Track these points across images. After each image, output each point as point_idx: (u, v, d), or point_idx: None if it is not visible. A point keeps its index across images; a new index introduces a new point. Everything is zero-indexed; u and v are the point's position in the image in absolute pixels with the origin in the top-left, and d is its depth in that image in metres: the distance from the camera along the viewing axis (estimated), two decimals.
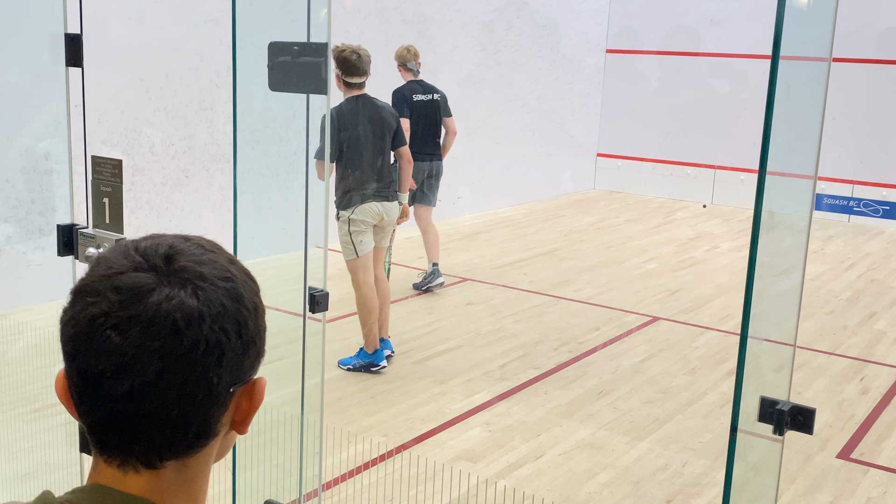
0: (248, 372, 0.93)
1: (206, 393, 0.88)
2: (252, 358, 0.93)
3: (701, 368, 5.30)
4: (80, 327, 0.87)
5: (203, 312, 0.87)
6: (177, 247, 0.91)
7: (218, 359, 0.87)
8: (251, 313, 0.92)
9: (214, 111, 6.78)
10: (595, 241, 8.64)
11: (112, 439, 0.89)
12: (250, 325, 0.91)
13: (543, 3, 10.21)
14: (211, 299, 0.88)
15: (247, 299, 0.92)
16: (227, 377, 0.89)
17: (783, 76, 1.50)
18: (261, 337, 0.94)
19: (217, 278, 0.90)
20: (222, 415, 0.91)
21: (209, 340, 0.87)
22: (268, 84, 2.77)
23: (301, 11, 2.81)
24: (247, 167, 3.48)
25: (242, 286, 0.92)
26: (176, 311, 0.86)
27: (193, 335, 0.86)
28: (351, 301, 6.34)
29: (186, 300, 0.86)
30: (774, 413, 1.76)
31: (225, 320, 0.88)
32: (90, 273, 0.91)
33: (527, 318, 6.15)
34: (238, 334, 0.89)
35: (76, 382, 0.89)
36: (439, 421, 4.42)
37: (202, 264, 0.90)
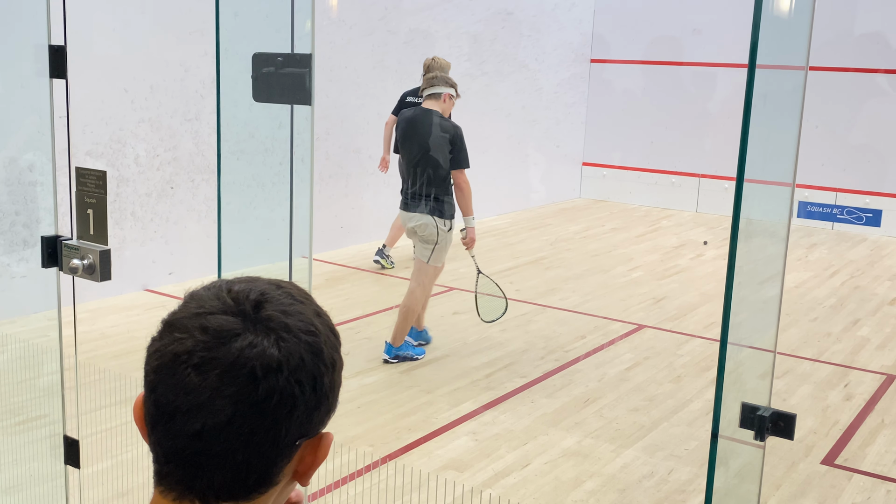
0: (317, 426, 0.94)
1: (272, 442, 0.89)
2: (323, 413, 0.94)
3: (686, 376, 5.32)
4: (163, 360, 0.90)
5: (282, 364, 0.89)
6: (268, 294, 0.93)
7: (290, 411, 0.89)
8: (328, 369, 0.93)
9: (199, 122, 6.78)
10: (581, 250, 8.67)
11: (175, 472, 0.91)
12: (325, 381, 0.93)
13: (528, 13, 10.26)
14: (291, 351, 0.90)
15: (326, 354, 0.93)
16: (295, 430, 0.91)
17: (760, 85, 1.52)
18: (334, 393, 0.96)
19: (301, 331, 0.91)
20: (285, 465, 0.92)
21: (284, 392, 0.88)
22: (252, 95, 2.78)
23: (286, 22, 2.82)
24: (232, 177, 3.48)
25: (324, 341, 0.94)
26: (256, 360, 0.88)
27: (269, 385, 0.88)
28: (338, 312, 6.35)
29: (268, 349, 0.88)
30: (755, 419, 1.78)
31: (302, 374, 0.90)
32: (182, 308, 0.93)
33: (513, 326, 6.17)
34: (313, 388, 0.91)
35: (152, 412, 0.92)
36: (426, 430, 4.42)
37: (289, 315, 0.92)
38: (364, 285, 7.12)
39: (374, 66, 8.43)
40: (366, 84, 8.36)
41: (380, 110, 8.52)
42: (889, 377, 5.41)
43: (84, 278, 2.75)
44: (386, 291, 6.93)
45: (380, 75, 8.50)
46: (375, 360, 5.36)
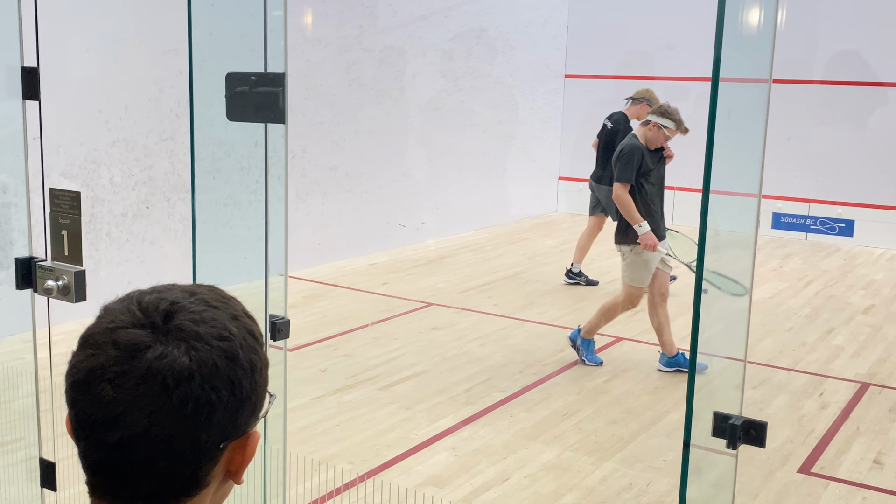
0: (241, 428, 0.96)
1: (193, 448, 0.91)
2: (247, 414, 0.96)
3: (664, 387, 5.35)
4: (79, 376, 0.92)
5: (194, 372, 0.90)
6: (179, 303, 0.95)
7: (208, 416, 0.91)
8: (246, 372, 0.95)
9: (175, 141, 6.77)
10: (558, 264, 8.71)
11: (102, 483, 0.94)
12: (245, 384, 0.94)
13: (502, 30, 10.34)
14: (204, 359, 0.91)
15: (243, 358, 0.94)
16: (217, 433, 0.93)
17: (724, 98, 1.55)
18: (258, 393, 0.97)
19: (213, 337, 0.93)
20: (213, 468, 0.95)
21: (199, 399, 0.90)
22: (226, 114, 2.79)
23: (260, 42, 2.83)
24: (208, 196, 3.48)
25: (240, 345, 0.95)
26: (167, 370, 0.89)
27: (183, 393, 0.89)
28: (315, 329, 6.34)
29: (179, 359, 0.90)
30: (727, 428, 1.80)
31: (217, 379, 0.91)
32: (95, 323, 0.96)
33: (492, 341, 6.18)
34: (231, 392, 0.93)
35: (75, 427, 0.94)
36: (406, 447, 4.41)
37: (200, 323, 0.93)
38: (342, 302, 7.11)
39: (350, 84, 8.45)
40: (341, 101, 8.39)
41: (356, 127, 8.55)
42: (863, 385, 5.47)
43: (59, 300, 2.74)
44: (364, 308, 6.93)
45: (355, 93, 8.53)
46: (353, 378, 5.35)
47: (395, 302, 7.14)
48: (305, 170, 8.10)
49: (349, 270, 8.19)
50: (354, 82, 8.49)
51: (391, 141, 9.03)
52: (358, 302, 7.15)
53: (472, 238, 9.92)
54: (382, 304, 7.08)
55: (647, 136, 5.55)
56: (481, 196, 10.49)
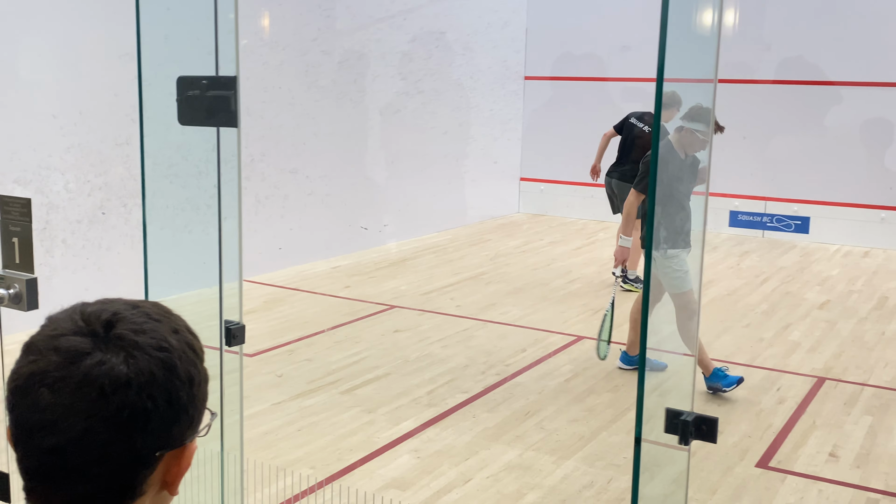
0: (178, 438, 0.97)
1: (128, 455, 0.93)
2: (184, 426, 0.98)
3: (624, 385, 5.40)
4: (19, 382, 0.95)
5: (131, 380, 0.92)
6: (120, 314, 0.98)
7: (143, 424, 0.93)
8: (184, 384, 0.97)
9: (131, 146, 6.68)
10: (520, 264, 8.75)
11: (38, 488, 0.96)
12: (182, 396, 0.96)
13: (461, 32, 10.36)
14: (141, 368, 0.93)
15: (181, 369, 0.97)
16: (152, 442, 0.94)
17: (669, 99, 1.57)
18: (195, 406, 0.99)
19: (152, 347, 0.95)
20: (149, 476, 0.96)
21: (135, 407, 0.92)
22: (177, 118, 2.76)
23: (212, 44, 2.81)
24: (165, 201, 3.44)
25: (178, 357, 0.97)
26: (105, 377, 0.92)
27: (119, 400, 0.92)
28: (276, 334, 6.29)
29: (117, 367, 0.92)
30: (679, 424, 1.82)
31: (154, 389, 0.94)
32: (39, 331, 0.98)
33: (454, 342, 6.19)
34: (168, 402, 0.95)
35: (14, 432, 0.96)
36: (368, 450, 4.40)
37: (140, 333, 0.96)
38: (303, 307, 7.08)
39: (309, 87, 8.42)
40: (301, 104, 8.35)
41: (315, 130, 8.52)
42: (820, 380, 5.56)
43: (10, 308, 2.69)
44: (326, 312, 6.90)
45: (314, 96, 8.49)
46: (315, 382, 5.33)
47: (358, 305, 7.12)
48: (265, 173, 8.05)
49: (311, 274, 8.15)
50: (313, 85, 8.45)
51: (352, 144, 9.01)
52: (319, 306, 7.12)
53: (435, 240, 9.92)
54: (345, 307, 7.06)
55: (682, 142, 5.23)
56: (443, 198, 10.51)
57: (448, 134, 10.43)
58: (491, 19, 10.92)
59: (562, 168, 11.58)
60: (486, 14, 10.83)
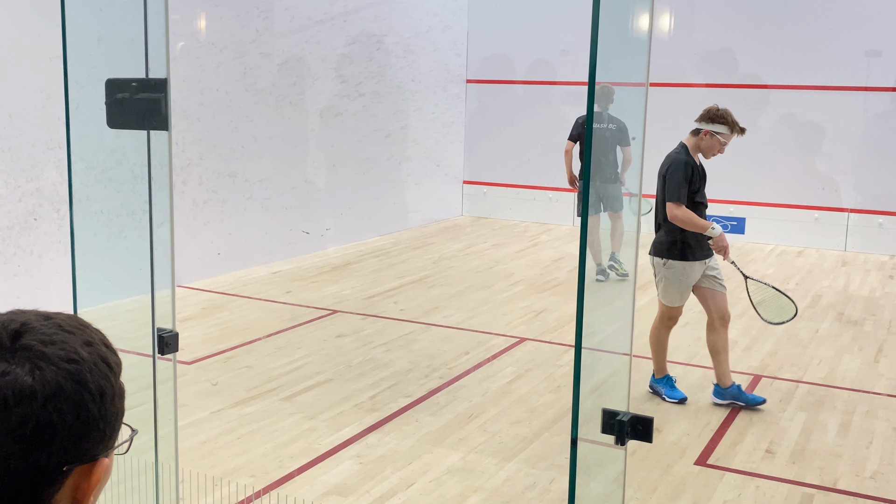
0: (88, 453, 0.94)
1: (33, 469, 0.90)
2: (94, 440, 0.94)
3: (566, 386, 5.43)
4: None
5: (36, 391, 0.89)
6: (29, 324, 0.94)
7: (49, 438, 0.90)
8: (94, 397, 0.93)
9: (63, 150, 6.49)
10: (464, 267, 8.76)
11: None
12: (92, 409, 0.93)
13: (402, 35, 10.35)
14: (48, 379, 0.90)
15: (91, 383, 0.93)
16: (59, 456, 0.91)
17: (602, 100, 1.58)
18: (107, 421, 0.96)
19: (61, 359, 0.92)
20: (56, 491, 0.92)
21: (40, 419, 0.89)
22: (106, 121, 2.69)
23: (143, 46, 2.75)
24: (100, 206, 3.35)
25: (89, 370, 0.94)
26: (8, 388, 0.88)
27: (23, 412, 0.88)
28: (215, 341, 6.20)
29: (21, 377, 0.89)
30: (615, 424, 1.83)
31: (61, 401, 0.90)
32: None
33: (398, 346, 6.16)
34: (76, 416, 0.91)
35: None
36: (309, 457, 4.35)
37: (49, 344, 0.93)
38: (243, 313, 6.98)
39: (248, 89, 8.32)
40: (239, 107, 8.24)
41: (254, 133, 8.41)
42: (756, 377, 5.67)
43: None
44: (266, 318, 6.82)
45: (253, 98, 8.39)
46: (255, 390, 5.26)
47: (299, 310, 7.05)
48: (203, 177, 7.92)
49: (251, 280, 8.05)
50: (252, 87, 8.35)
51: (292, 147, 8.92)
52: (260, 312, 7.03)
53: (378, 244, 9.88)
54: (285, 312, 6.98)
55: (701, 146, 5.03)
56: (386, 201, 10.47)
57: (390, 137, 10.40)
58: (432, 22, 10.93)
59: (504, 171, 11.64)
60: (427, 17, 10.83)
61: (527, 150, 11.39)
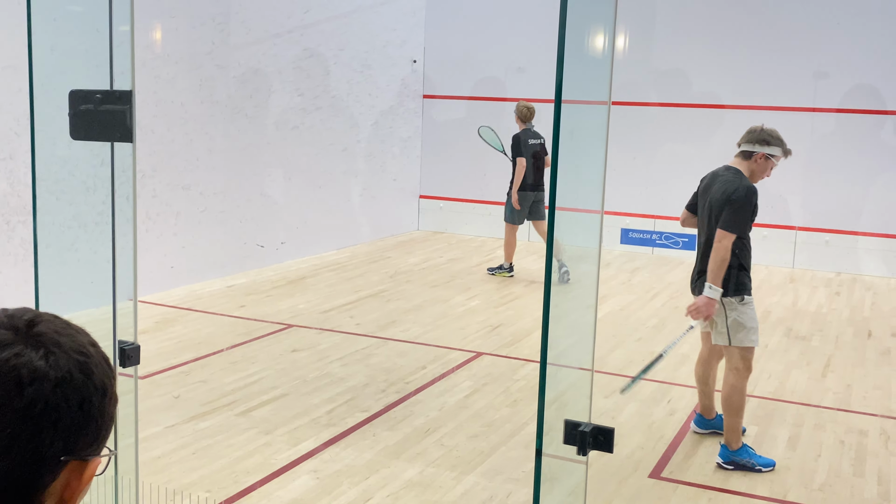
0: (84, 448, 0.96)
1: (35, 452, 0.92)
2: (91, 435, 0.97)
3: (522, 400, 5.48)
4: None
5: (48, 374, 0.93)
6: (43, 316, 1.00)
7: (54, 422, 0.93)
8: (97, 391, 0.97)
9: (14, 161, 6.41)
10: (420, 281, 8.78)
11: None
12: (94, 402, 0.97)
13: (359, 49, 10.37)
14: (60, 365, 0.94)
15: (97, 377, 0.97)
16: (60, 443, 0.94)
17: (567, 120, 1.62)
18: (104, 420, 0.99)
19: (72, 350, 0.96)
20: (49, 483, 0.94)
21: (49, 402, 0.92)
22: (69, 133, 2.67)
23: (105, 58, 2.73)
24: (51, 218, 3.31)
25: (96, 364, 0.98)
26: (23, 368, 0.92)
27: (34, 392, 0.92)
28: (169, 355, 6.13)
29: (35, 360, 0.93)
30: (577, 434, 1.87)
31: (69, 388, 0.94)
32: None
33: (354, 361, 6.15)
34: (80, 406, 0.95)
35: None
36: (265, 472, 4.32)
37: (61, 335, 0.97)
38: (197, 327, 6.91)
39: (203, 101, 8.26)
40: (194, 119, 8.18)
41: (210, 146, 8.36)
42: None
43: None
44: (220, 332, 6.76)
45: (209, 110, 8.34)
46: (209, 404, 5.21)
47: (254, 325, 7.00)
48: (156, 190, 7.84)
49: (205, 293, 7.97)
50: (207, 99, 8.30)
51: (247, 159, 8.87)
52: (214, 326, 6.97)
53: (334, 257, 9.86)
54: (240, 327, 6.93)
55: (754, 169, 4.67)
56: (342, 215, 10.45)
57: (347, 151, 10.40)
58: (389, 37, 10.97)
59: (460, 186, 11.71)
60: (384, 32, 10.88)
61: (483, 165, 11.47)
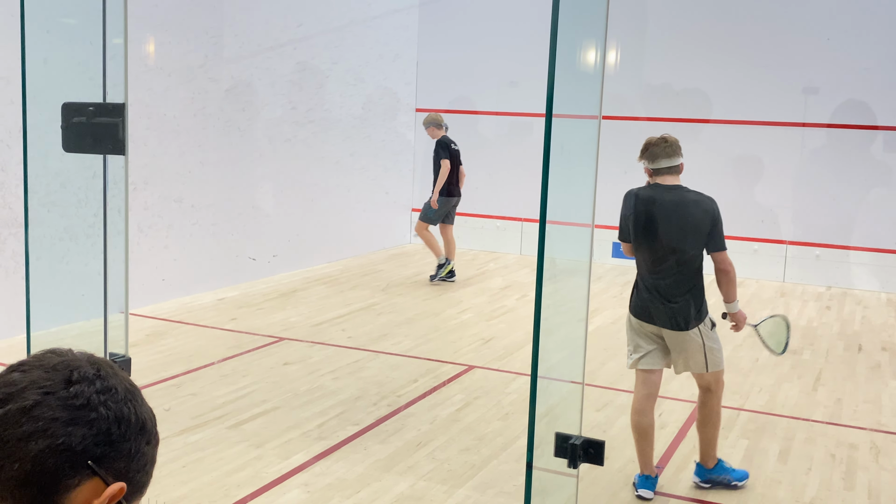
0: (108, 465, 1.00)
1: (66, 442, 0.97)
2: (121, 462, 1.02)
3: (514, 413, 5.47)
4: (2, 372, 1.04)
5: (95, 381, 1.01)
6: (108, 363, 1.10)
7: (90, 422, 0.99)
8: (137, 419, 1.05)
9: (6, 173, 6.40)
10: (412, 295, 8.78)
11: None
12: (130, 424, 1.03)
13: (352, 63, 10.40)
14: (108, 380, 1.03)
15: (139, 407, 1.06)
16: (90, 444, 0.99)
17: (558, 134, 1.63)
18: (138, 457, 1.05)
19: (123, 379, 1.06)
20: (71, 488, 0.97)
21: (90, 402, 1.00)
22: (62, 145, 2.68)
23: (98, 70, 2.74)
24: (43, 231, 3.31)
25: (142, 401, 1.07)
26: (75, 370, 1.01)
27: (78, 389, 1.00)
28: (159, 368, 6.11)
29: (88, 370, 1.02)
30: (568, 447, 1.87)
31: (110, 399, 1.02)
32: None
33: (346, 374, 6.14)
34: (117, 420, 1.02)
35: None
36: (256, 486, 4.31)
37: (118, 369, 1.08)
38: (187, 339, 6.89)
39: (196, 114, 8.27)
40: (187, 132, 8.19)
41: (202, 158, 8.36)
42: None
43: None
44: (211, 345, 6.74)
45: (201, 123, 8.34)
46: (200, 417, 5.19)
47: (245, 338, 6.98)
48: (148, 202, 7.83)
49: (196, 306, 7.95)
50: (200, 112, 8.31)
51: (240, 172, 8.88)
52: (205, 339, 6.95)
53: (326, 270, 9.85)
54: (231, 340, 6.91)
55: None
56: (334, 228, 10.45)
57: (339, 164, 10.41)
58: (382, 51, 11.01)
59: None
60: (377, 46, 10.91)
61: (475, 179, 11.49)
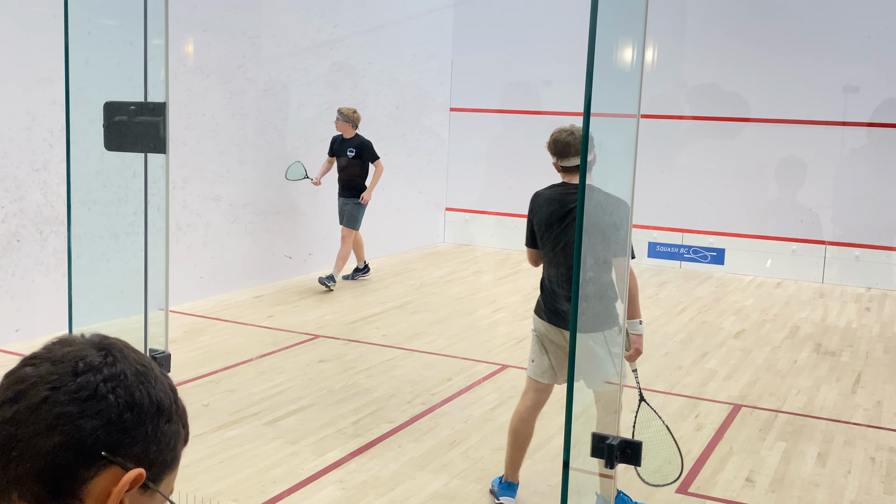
0: (125, 454, 0.98)
1: (76, 436, 0.95)
2: (138, 447, 0.99)
3: (548, 413, 5.45)
4: (12, 367, 1.03)
5: (101, 369, 0.99)
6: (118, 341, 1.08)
7: (98, 412, 0.97)
8: (151, 402, 1.01)
9: (48, 171, 6.52)
10: (445, 294, 8.79)
11: None
12: (144, 408, 1.00)
13: (387, 63, 10.44)
14: (116, 365, 1.01)
15: (153, 389, 1.02)
16: (102, 435, 0.96)
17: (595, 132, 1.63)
18: (157, 439, 1.02)
19: (135, 361, 1.03)
20: (89, 479, 0.96)
21: (97, 392, 0.97)
22: (104, 144, 2.72)
23: (138, 70, 2.78)
24: (83, 229, 3.37)
25: (155, 378, 1.04)
26: (80, 360, 0.99)
27: (84, 380, 0.97)
28: (197, 365, 6.18)
29: (94, 357, 1.00)
30: (605, 448, 1.87)
31: (119, 386, 0.99)
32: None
33: (380, 372, 6.17)
34: (129, 406, 0.99)
35: None
36: (292, 482, 4.34)
37: (129, 349, 1.05)
38: (225, 337, 6.96)
39: (233, 114, 8.35)
40: (224, 131, 8.27)
41: (240, 157, 8.44)
42: (736, 407, 5.72)
43: None
44: (248, 342, 6.81)
45: (238, 123, 8.43)
46: (237, 413, 5.24)
47: (281, 335, 7.04)
48: (187, 201, 7.93)
49: (233, 303, 8.03)
50: (238, 112, 8.39)
51: (276, 172, 8.94)
52: (242, 336, 7.02)
53: None
54: (268, 337, 6.97)
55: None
56: (368, 227, 10.48)
57: None
58: (416, 51, 11.03)
59: (486, 199, 11.72)
60: (412, 46, 10.93)
61: (509, 178, 11.48)
